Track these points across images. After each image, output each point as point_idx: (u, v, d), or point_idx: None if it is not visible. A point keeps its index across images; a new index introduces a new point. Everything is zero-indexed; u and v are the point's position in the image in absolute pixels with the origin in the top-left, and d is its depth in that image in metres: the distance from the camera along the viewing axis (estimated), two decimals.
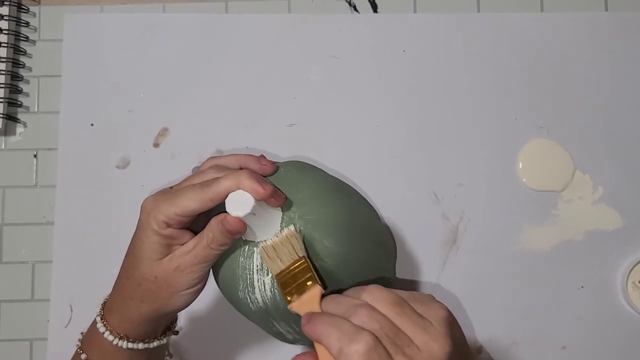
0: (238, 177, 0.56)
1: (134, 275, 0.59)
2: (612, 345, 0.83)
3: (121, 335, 0.60)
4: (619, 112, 0.85)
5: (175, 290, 0.58)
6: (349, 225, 0.62)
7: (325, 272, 0.59)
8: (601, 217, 0.84)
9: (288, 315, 0.59)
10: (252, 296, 0.60)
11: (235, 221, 0.55)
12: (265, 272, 0.59)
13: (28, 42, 0.86)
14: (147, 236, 0.57)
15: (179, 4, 0.87)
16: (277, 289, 0.59)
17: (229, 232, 0.56)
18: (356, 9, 0.87)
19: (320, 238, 0.59)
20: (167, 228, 0.57)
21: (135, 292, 0.59)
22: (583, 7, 0.87)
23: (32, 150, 0.85)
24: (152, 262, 0.58)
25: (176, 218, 0.56)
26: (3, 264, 0.83)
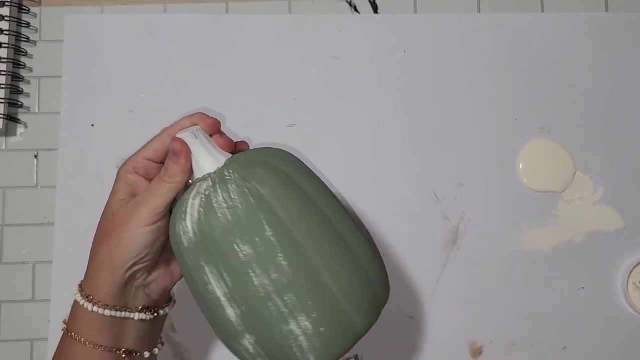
0: (192, 115, 0.61)
1: (99, 222, 0.61)
2: (612, 346, 0.83)
3: (88, 296, 0.59)
4: (619, 112, 0.85)
5: (128, 226, 0.57)
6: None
7: (256, 195, 0.55)
8: (602, 218, 0.84)
9: (215, 251, 0.55)
10: (183, 225, 0.56)
11: (178, 139, 0.58)
12: (197, 195, 0.56)
13: (29, 42, 0.86)
14: (116, 183, 0.60)
15: (179, 4, 0.87)
16: (204, 208, 0.55)
17: (173, 153, 0.58)
18: (357, 9, 0.87)
19: (258, 169, 0.57)
20: (134, 174, 0.60)
21: (96, 238, 0.60)
22: (583, 7, 0.87)
23: (33, 151, 0.85)
24: (114, 202, 0.60)
25: (143, 162, 0.60)
26: (4, 264, 0.83)
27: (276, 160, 0.59)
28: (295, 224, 0.55)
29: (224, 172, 0.57)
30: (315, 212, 0.57)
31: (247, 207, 0.55)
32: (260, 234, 0.54)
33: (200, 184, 0.57)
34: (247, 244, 0.54)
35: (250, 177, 0.56)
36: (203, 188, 0.56)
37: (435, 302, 0.83)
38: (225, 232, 0.55)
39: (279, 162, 0.58)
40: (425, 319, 0.83)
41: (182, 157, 0.58)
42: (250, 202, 0.55)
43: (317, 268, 0.55)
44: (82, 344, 0.58)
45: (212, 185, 0.56)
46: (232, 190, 0.55)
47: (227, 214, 0.55)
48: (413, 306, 0.83)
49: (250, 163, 0.58)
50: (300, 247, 0.55)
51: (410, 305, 0.83)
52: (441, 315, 0.83)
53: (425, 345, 0.83)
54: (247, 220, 0.55)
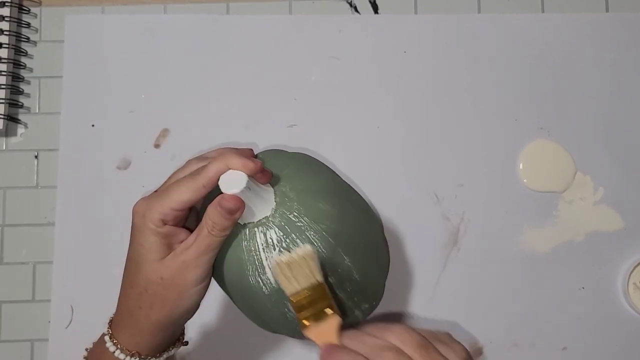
0: (225, 157, 0.55)
1: (138, 282, 0.57)
2: (613, 346, 0.83)
3: (132, 352, 0.58)
4: (620, 113, 0.85)
5: (183, 288, 0.56)
6: (335, 188, 0.64)
7: (331, 233, 0.59)
8: (602, 218, 0.84)
9: None
10: (263, 277, 0.59)
11: (233, 198, 0.54)
12: (271, 249, 0.58)
13: (29, 43, 0.86)
14: (145, 238, 0.56)
15: (180, 4, 0.87)
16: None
17: (228, 212, 0.54)
18: (357, 10, 0.87)
19: (315, 202, 0.60)
20: (164, 226, 0.56)
21: (143, 299, 0.57)
22: (584, 8, 0.87)
23: (33, 151, 0.85)
24: (155, 263, 0.56)
25: (172, 213, 0.55)
26: (4, 264, 0.83)
27: (316, 179, 0.63)
28: (360, 242, 0.64)
29: (290, 217, 0.59)
30: (359, 214, 0.66)
31: (329, 248, 0.60)
32: (342, 263, 0.61)
33: (266, 232, 0.59)
34: (332, 276, 0.60)
35: (319, 217, 0.60)
36: (275, 240, 0.58)
37: (436, 302, 0.83)
38: None
39: (320, 179, 0.64)
40: (425, 319, 0.83)
41: (237, 213, 0.55)
42: (330, 242, 0.60)
43: (371, 277, 0.66)
44: None
45: (286, 236, 0.59)
46: (311, 236, 0.59)
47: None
48: (413, 306, 0.83)
49: (306, 197, 0.61)
50: (364, 264, 0.64)
51: (410, 305, 0.83)
52: (441, 315, 0.83)
53: None
54: (332, 258, 0.60)
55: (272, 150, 0.67)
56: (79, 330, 0.81)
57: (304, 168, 0.64)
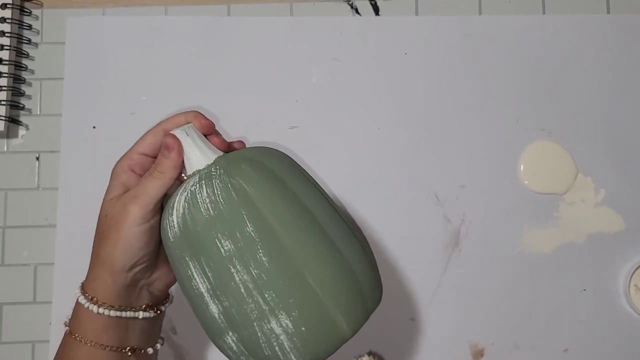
0: (187, 112, 0.62)
1: (97, 224, 0.61)
2: (614, 348, 0.83)
3: (91, 297, 0.59)
4: (621, 114, 0.85)
5: (120, 226, 0.57)
6: (283, 175, 0.58)
7: (239, 190, 0.56)
8: (603, 220, 0.84)
9: (198, 245, 0.55)
10: (170, 219, 0.57)
11: (170, 135, 0.59)
12: (184, 191, 0.57)
13: (30, 44, 0.87)
14: (110, 181, 0.61)
15: (180, 6, 0.87)
16: (188, 202, 0.56)
17: (165, 147, 0.59)
18: (358, 11, 0.87)
19: (240, 163, 0.57)
20: (129, 171, 0.61)
21: (95, 239, 0.60)
22: (585, 9, 0.87)
23: (35, 153, 0.85)
24: (106, 202, 0.60)
25: (137, 157, 0.61)
26: (5, 266, 0.83)
27: (265, 157, 0.59)
28: (278, 221, 0.55)
29: (211, 169, 0.57)
30: (300, 210, 0.57)
31: (229, 202, 0.55)
32: (242, 229, 0.54)
33: (188, 180, 0.58)
34: (228, 238, 0.55)
35: (235, 172, 0.56)
36: (190, 184, 0.57)
37: (437, 304, 0.83)
38: (207, 227, 0.55)
39: (268, 159, 0.59)
40: (426, 321, 0.83)
41: (173, 152, 0.59)
42: (233, 197, 0.55)
43: (299, 266, 0.55)
44: (87, 344, 0.59)
45: (198, 181, 0.57)
46: (216, 185, 0.56)
47: (210, 209, 0.55)
48: (414, 308, 0.83)
49: (237, 159, 0.58)
50: (281, 244, 0.55)
51: (411, 307, 0.83)
52: (443, 317, 0.83)
53: (426, 347, 0.83)
54: (228, 215, 0.55)
55: (261, 147, 0.64)
56: None
57: (267, 152, 0.61)
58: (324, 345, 0.55)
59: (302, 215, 0.56)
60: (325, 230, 0.57)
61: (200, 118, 0.62)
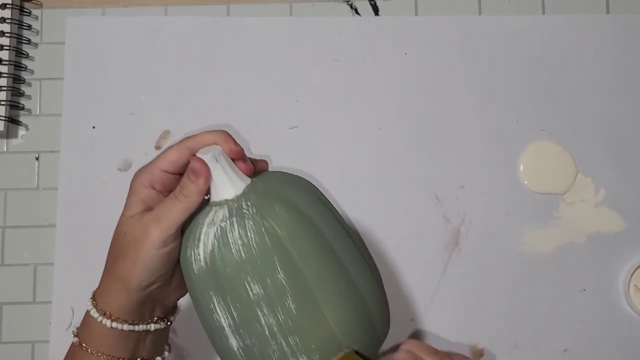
0: (217, 132, 0.58)
1: (112, 239, 0.59)
2: (614, 348, 0.82)
3: (105, 312, 0.59)
4: (621, 114, 0.85)
5: (139, 247, 0.56)
6: (314, 215, 0.59)
7: (271, 234, 0.56)
8: (603, 220, 0.84)
9: (225, 284, 0.56)
10: (196, 252, 0.56)
11: (198, 159, 0.57)
12: (212, 225, 0.56)
13: (30, 44, 0.87)
14: (129, 197, 0.59)
15: (180, 6, 0.87)
16: (218, 240, 0.56)
17: (192, 171, 0.56)
18: (357, 12, 0.87)
19: (272, 203, 0.57)
20: (150, 187, 0.58)
21: (111, 254, 0.59)
22: (584, 9, 0.87)
23: (34, 153, 0.85)
24: (125, 218, 0.58)
25: (159, 174, 0.58)
26: (5, 266, 0.83)
27: (295, 195, 0.59)
28: (308, 269, 0.56)
29: (242, 204, 0.56)
30: (328, 255, 0.58)
31: (262, 248, 0.55)
32: (273, 275, 0.55)
33: (216, 210, 0.57)
34: (258, 283, 0.55)
35: (268, 214, 0.56)
36: (219, 218, 0.56)
37: (437, 304, 0.83)
38: (237, 269, 0.55)
39: (297, 197, 0.59)
40: (426, 321, 0.83)
41: (201, 178, 0.57)
42: (266, 242, 0.55)
43: (324, 311, 0.56)
44: (99, 356, 0.59)
45: (229, 217, 0.56)
46: (248, 227, 0.55)
47: (242, 252, 0.55)
48: (414, 308, 0.83)
49: (269, 196, 0.57)
50: (310, 292, 0.56)
51: (411, 307, 0.83)
52: (442, 317, 0.83)
53: None
54: (261, 261, 0.55)
55: (287, 176, 0.64)
56: None
57: (296, 186, 0.61)
58: None
59: (330, 260, 0.58)
60: (349, 272, 0.59)
61: (229, 143, 0.58)
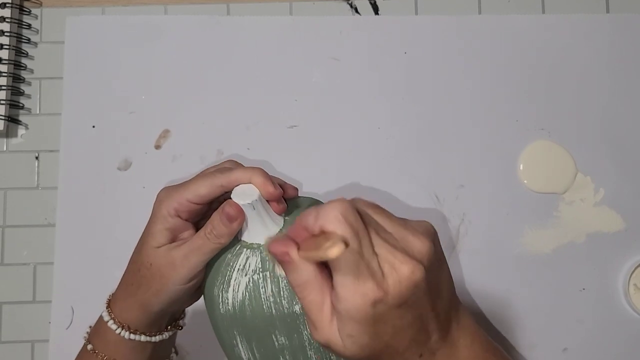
0: (253, 171, 0.56)
1: (136, 261, 0.59)
2: (613, 347, 0.82)
3: (123, 325, 0.60)
4: (620, 113, 0.85)
5: (165, 281, 0.57)
6: None
7: None
8: (603, 219, 0.84)
9: (252, 333, 0.58)
10: (224, 295, 0.57)
11: (235, 206, 0.55)
12: (244, 274, 0.57)
13: (30, 44, 0.86)
14: (154, 224, 0.58)
15: (180, 5, 0.87)
16: (250, 294, 0.56)
17: (227, 217, 0.55)
18: (357, 11, 0.87)
19: None
20: (176, 217, 0.57)
21: (135, 278, 0.59)
22: (584, 8, 0.87)
23: (34, 152, 0.85)
24: (151, 248, 0.58)
25: (186, 204, 0.57)
26: (4, 265, 0.83)
27: None
28: None
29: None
30: None
31: (292, 308, 0.56)
32: (299, 332, 0.56)
33: (247, 256, 0.57)
34: (284, 336, 0.56)
35: None
36: (251, 267, 0.56)
37: None
38: (266, 323, 0.56)
39: None
40: None
41: (235, 224, 0.56)
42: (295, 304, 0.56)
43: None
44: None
45: (262, 271, 0.56)
46: (282, 287, 0.56)
47: (272, 309, 0.56)
48: None
49: None
50: None
51: None
52: None
53: None
54: (290, 319, 0.56)
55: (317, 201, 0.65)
56: (80, 331, 0.81)
57: None
58: None
59: None
60: None
61: (268, 186, 0.56)
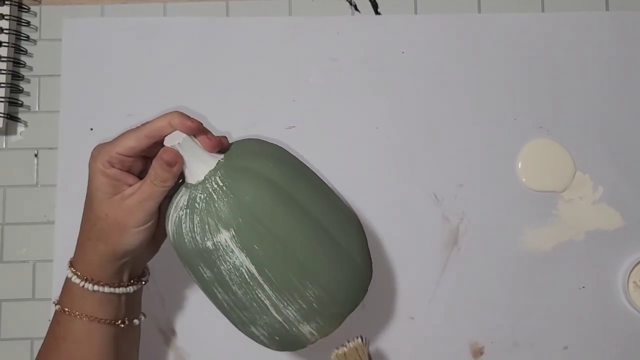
0: (169, 114, 0.62)
1: (89, 217, 0.64)
2: (613, 345, 0.83)
3: (86, 277, 0.63)
4: (619, 111, 0.86)
5: (124, 228, 0.62)
6: (284, 180, 0.63)
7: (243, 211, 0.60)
8: (602, 217, 0.84)
9: (186, 264, 0.63)
10: (167, 227, 0.63)
11: (171, 151, 0.61)
12: (176, 210, 0.62)
13: (29, 41, 0.86)
14: (95, 177, 0.62)
15: (179, 3, 0.87)
16: (177, 228, 0.62)
17: (166, 163, 0.61)
18: (357, 8, 0.87)
19: (242, 177, 0.61)
20: (111, 168, 0.62)
21: (92, 232, 0.63)
22: (584, 6, 0.88)
23: (33, 150, 0.85)
24: (102, 201, 0.62)
25: (117, 157, 0.62)
26: (4, 263, 0.83)
27: (260, 165, 0.63)
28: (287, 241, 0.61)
29: (196, 199, 0.61)
30: (308, 223, 0.63)
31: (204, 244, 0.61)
32: (217, 267, 0.61)
33: (182, 195, 0.63)
34: (208, 269, 0.61)
35: (234, 193, 0.61)
36: (180, 205, 0.62)
37: (436, 302, 0.83)
38: (190, 255, 0.62)
39: (263, 167, 0.62)
40: (426, 320, 0.83)
41: (175, 167, 0.62)
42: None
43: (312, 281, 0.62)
44: (83, 319, 0.64)
45: (186, 208, 0.61)
46: (195, 223, 0.61)
47: (192, 243, 0.61)
48: (414, 307, 0.83)
49: (235, 173, 0.62)
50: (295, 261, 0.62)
51: (411, 306, 0.83)
52: (442, 315, 0.83)
53: (426, 346, 0.83)
54: (206, 254, 0.61)
55: (256, 139, 0.68)
56: None
57: (265, 153, 0.65)
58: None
59: (312, 228, 0.63)
60: (328, 233, 0.63)
61: (185, 121, 0.62)
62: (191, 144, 0.62)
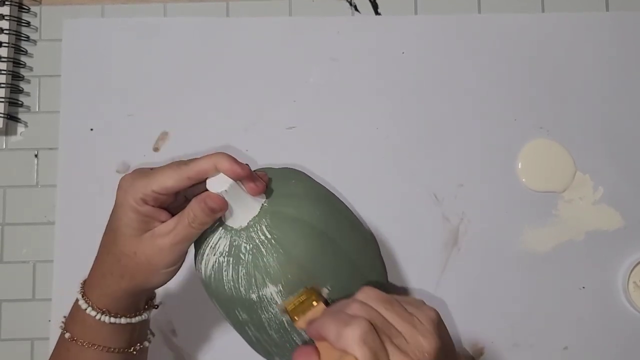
0: (216, 157, 0.58)
1: (113, 251, 0.60)
2: (613, 345, 0.83)
3: (103, 310, 0.61)
4: (619, 112, 0.86)
5: (154, 268, 0.59)
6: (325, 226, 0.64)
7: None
8: (602, 217, 0.84)
9: (219, 304, 0.64)
10: (199, 265, 0.63)
11: (217, 198, 0.58)
12: (214, 253, 0.62)
13: (29, 41, 0.86)
14: (125, 213, 0.59)
15: (179, 4, 0.87)
16: (215, 273, 0.62)
17: (210, 210, 0.58)
18: (357, 9, 0.87)
19: (289, 229, 0.61)
20: (144, 205, 0.58)
21: (115, 267, 0.60)
22: (584, 7, 0.88)
23: (33, 150, 0.85)
24: (131, 238, 0.59)
25: (153, 195, 0.58)
26: (4, 263, 0.83)
27: (305, 213, 0.63)
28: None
29: (241, 249, 0.61)
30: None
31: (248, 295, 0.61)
32: (257, 315, 0.62)
33: (221, 238, 0.62)
34: (245, 313, 0.62)
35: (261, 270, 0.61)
36: (219, 249, 0.62)
37: (436, 302, 0.83)
38: (227, 300, 0.62)
39: (309, 216, 0.63)
40: None
41: (218, 214, 0.59)
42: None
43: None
44: (94, 349, 0.61)
45: (228, 255, 0.61)
46: (241, 275, 0.61)
47: (232, 291, 0.61)
48: None
49: (284, 223, 0.61)
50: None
51: None
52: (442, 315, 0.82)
53: None
54: (248, 303, 0.61)
55: (293, 170, 0.69)
56: None
57: (308, 196, 0.65)
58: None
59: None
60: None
61: (235, 167, 0.58)
62: (237, 190, 0.59)
